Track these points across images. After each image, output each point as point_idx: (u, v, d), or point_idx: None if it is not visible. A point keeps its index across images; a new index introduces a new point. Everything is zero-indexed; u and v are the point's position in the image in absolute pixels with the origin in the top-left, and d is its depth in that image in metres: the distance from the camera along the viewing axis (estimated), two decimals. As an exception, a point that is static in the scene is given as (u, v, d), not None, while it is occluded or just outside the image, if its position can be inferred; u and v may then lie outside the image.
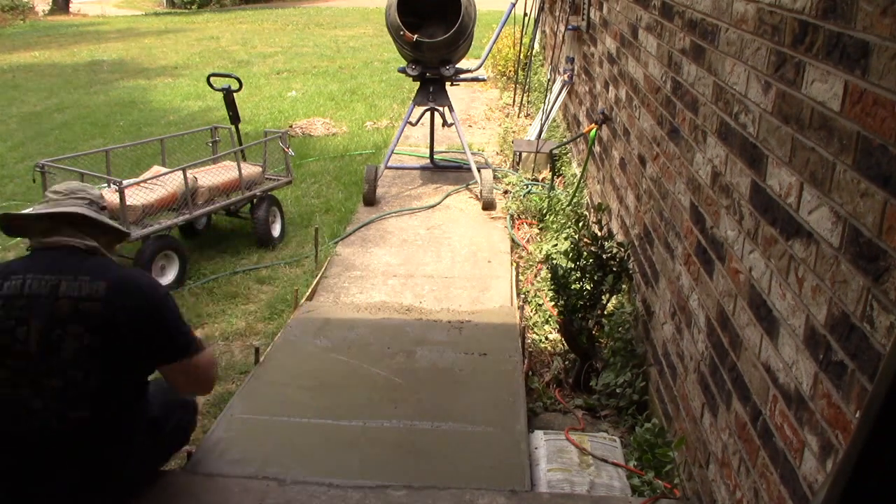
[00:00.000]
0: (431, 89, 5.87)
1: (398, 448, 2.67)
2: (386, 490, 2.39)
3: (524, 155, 6.08)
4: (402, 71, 5.86)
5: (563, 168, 5.86)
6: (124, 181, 3.98)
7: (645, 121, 3.35)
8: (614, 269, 3.33)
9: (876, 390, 0.77)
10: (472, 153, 6.08)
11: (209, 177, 4.51)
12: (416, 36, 5.38)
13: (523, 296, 4.16)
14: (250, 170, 4.79)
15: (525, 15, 8.07)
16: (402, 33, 5.39)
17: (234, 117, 5.23)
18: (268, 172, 4.94)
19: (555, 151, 5.80)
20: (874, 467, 0.78)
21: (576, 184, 5.06)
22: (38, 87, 10.20)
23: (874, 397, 0.77)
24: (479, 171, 5.61)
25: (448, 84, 5.92)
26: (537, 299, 4.07)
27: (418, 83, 5.90)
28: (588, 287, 3.34)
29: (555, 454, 2.65)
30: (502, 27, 7.01)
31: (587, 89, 5.42)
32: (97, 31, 16.62)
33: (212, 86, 5.30)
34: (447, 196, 5.74)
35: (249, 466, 2.52)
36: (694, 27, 2.58)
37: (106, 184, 4.38)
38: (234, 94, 5.20)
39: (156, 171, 4.44)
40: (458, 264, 4.58)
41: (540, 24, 8.86)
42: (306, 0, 23.65)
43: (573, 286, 3.34)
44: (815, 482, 1.53)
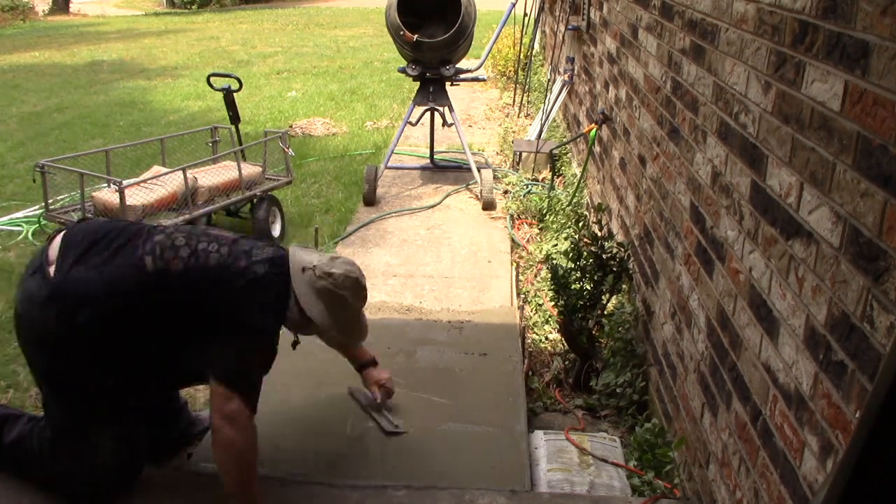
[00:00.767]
0: (431, 89, 5.86)
1: (398, 448, 2.67)
2: (386, 490, 2.39)
3: (524, 155, 6.08)
4: (402, 71, 5.86)
5: (563, 168, 5.86)
6: (124, 181, 3.98)
7: (645, 121, 3.35)
8: (614, 269, 3.33)
9: (876, 390, 0.78)
10: (472, 153, 6.08)
11: (209, 177, 4.51)
12: (416, 36, 5.38)
13: (523, 296, 4.16)
14: (250, 170, 4.79)
15: (525, 15, 8.07)
16: (402, 33, 5.39)
17: (234, 117, 5.23)
18: (268, 172, 4.94)
19: (555, 151, 5.80)
20: (874, 467, 0.78)
21: (576, 184, 5.06)
22: (38, 87, 10.20)
23: (874, 397, 0.78)
24: (479, 171, 5.61)
25: (448, 84, 5.91)
26: (537, 299, 4.07)
27: (418, 83, 5.90)
28: (588, 287, 3.34)
29: (555, 454, 2.65)
30: (502, 27, 7.01)
31: (587, 89, 5.42)
32: (97, 32, 16.62)
33: (212, 86, 5.30)
34: (447, 196, 5.74)
35: (249, 466, 2.51)
36: (694, 27, 2.58)
37: (106, 184, 4.38)
38: (234, 94, 5.20)
39: (156, 171, 4.44)
40: (458, 264, 4.58)
41: (540, 24, 8.86)
42: (306, 0, 23.65)
43: (573, 286, 3.34)
44: (815, 482, 1.53)
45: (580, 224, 3.83)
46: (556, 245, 4.49)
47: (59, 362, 2.18)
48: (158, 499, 2.38)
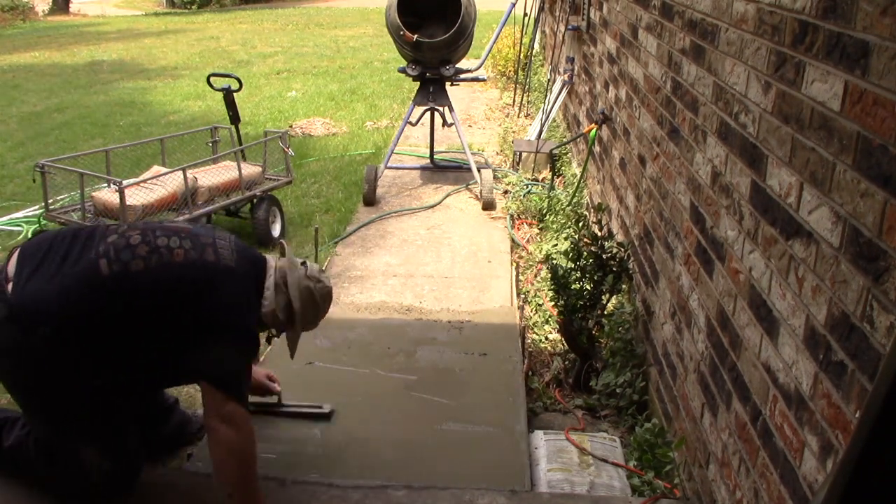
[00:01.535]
0: (431, 89, 5.86)
1: (398, 448, 2.67)
2: (386, 490, 2.39)
3: (524, 155, 6.08)
4: (402, 71, 5.86)
5: (563, 168, 5.86)
6: (124, 181, 3.98)
7: (645, 121, 3.35)
8: (614, 269, 3.33)
9: (876, 390, 0.78)
10: (472, 153, 6.08)
11: (209, 177, 4.51)
12: (416, 36, 5.38)
13: (523, 296, 4.16)
14: (250, 170, 4.79)
15: (525, 15, 8.07)
16: (402, 33, 5.39)
17: (234, 117, 5.23)
18: (268, 172, 4.94)
19: (555, 151, 5.80)
20: (874, 467, 0.78)
21: (576, 184, 5.06)
22: (38, 87, 10.20)
23: (874, 397, 0.78)
24: (479, 171, 5.61)
25: (448, 84, 5.91)
26: (537, 299, 4.07)
27: (418, 83, 5.90)
28: (588, 287, 3.34)
29: (555, 454, 2.65)
30: (502, 27, 7.01)
31: (587, 89, 5.42)
32: (97, 32, 16.62)
33: (212, 86, 5.30)
34: (447, 196, 5.74)
35: (249, 466, 2.51)
36: (694, 27, 2.58)
37: (106, 184, 4.38)
38: (234, 94, 5.20)
39: (156, 171, 4.44)
40: (458, 264, 4.58)
41: (540, 24, 8.87)
42: (306, 0, 23.65)
43: (573, 286, 3.34)
44: (815, 482, 1.53)
45: (580, 224, 3.83)
46: (556, 245, 4.50)
47: (34, 378, 2.14)
48: (158, 499, 2.38)
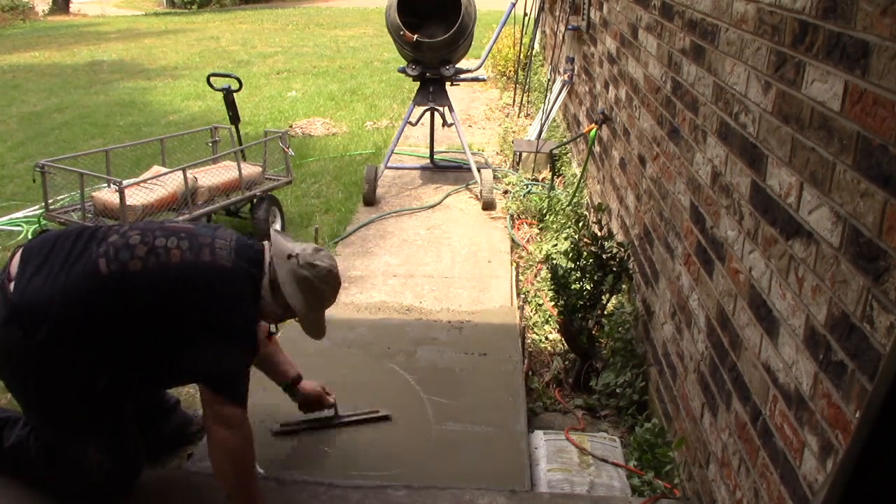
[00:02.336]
0: (431, 89, 5.86)
1: (398, 448, 2.67)
2: (386, 490, 2.39)
3: (524, 155, 6.08)
4: (402, 71, 5.86)
5: (563, 168, 5.86)
6: (124, 181, 3.98)
7: (645, 121, 3.35)
8: (614, 269, 3.33)
9: (876, 390, 0.78)
10: (472, 153, 6.08)
11: (209, 177, 4.51)
12: (416, 36, 5.38)
13: (523, 296, 4.16)
14: (250, 170, 4.79)
15: (525, 15, 8.07)
16: (402, 33, 5.39)
17: (234, 117, 5.23)
18: (268, 172, 4.94)
19: (555, 151, 5.80)
20: (874, 467, 0.78)
21: (576, 184, 5.06)
22: (38, 87, 10.20)
23: (874, 397, 0.78)
24: (479, 171, 5.61)
25: (448, 84, 5.91)
26: (537, 299, 4.07)
27: (418, 83, 5.90)
28: (588, 287, 3.34)
29: (555, 454, 2.65)
30: (502, 27, 7.01)
31: (587, 89, 5.42)
32: (97, 32, 16.61)
33: (212, 86, 5.30)
34: (447, 196, 5.73)
35: (249, 466, 2.51)
36: (694, 27, 2.58)
37: (106, 184, 4.38)
38: (234, 94, 5.20)
39: (156, 171, 4.44)
40: (458, 264, 4.58)
41: (540, 24, 8.86)
42: (306, 0, 23.65)
43: (573, 286, 3.34)
44: (815, 482, 1.53)
45: (580, 224, 3.83)
46: (556, 245, 4.50)
47: (35, 378, 2.14)
48: (158, 499, 2.38)
